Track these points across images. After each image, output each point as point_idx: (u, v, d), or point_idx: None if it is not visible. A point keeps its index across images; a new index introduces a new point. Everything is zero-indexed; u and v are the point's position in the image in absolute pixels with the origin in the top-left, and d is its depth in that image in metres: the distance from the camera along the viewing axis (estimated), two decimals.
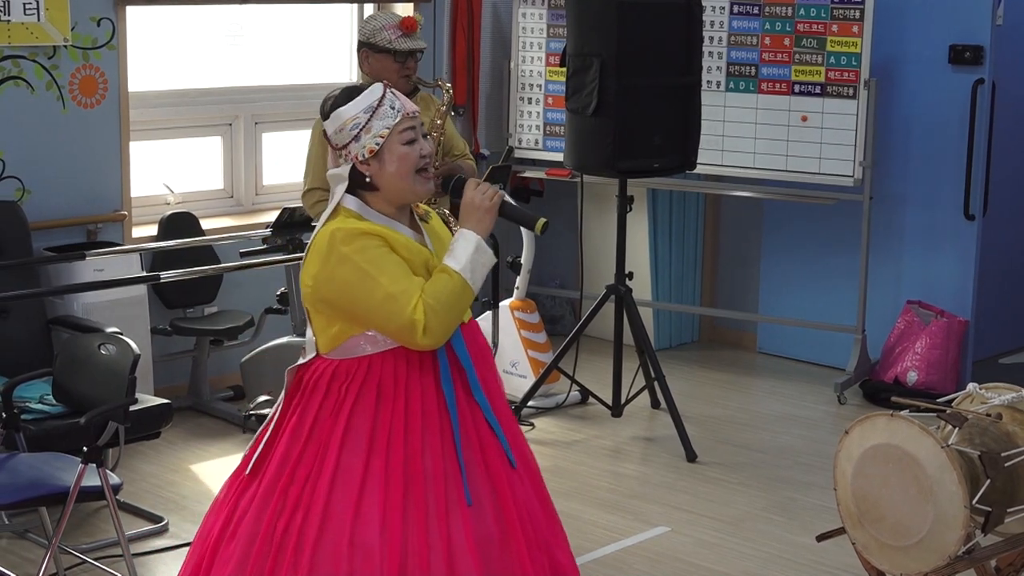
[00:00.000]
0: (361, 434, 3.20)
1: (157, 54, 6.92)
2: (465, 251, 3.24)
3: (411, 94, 5.48)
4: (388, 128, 3.25)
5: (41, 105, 6.18)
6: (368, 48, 5.46)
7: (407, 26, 5.43)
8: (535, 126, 7.83)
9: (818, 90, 7.01)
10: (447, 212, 5.21)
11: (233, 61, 7.28)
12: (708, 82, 7.13)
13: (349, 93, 3.31)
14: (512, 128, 7.86)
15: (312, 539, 3.15)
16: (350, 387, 3.24)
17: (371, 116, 3.25)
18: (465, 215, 3.31)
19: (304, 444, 3.24)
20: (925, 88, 7.15)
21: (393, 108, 3.27)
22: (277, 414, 3.36)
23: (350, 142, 3.26)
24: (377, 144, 3.24)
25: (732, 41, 7.23)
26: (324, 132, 3.33)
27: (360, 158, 3.26)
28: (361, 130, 3.25)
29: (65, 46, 6.19)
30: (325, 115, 3.32)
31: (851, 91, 6.92)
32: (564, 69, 6.50)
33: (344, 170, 3.29)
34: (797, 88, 7.07)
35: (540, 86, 7.79)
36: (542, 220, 3.38)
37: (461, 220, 3.31)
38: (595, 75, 6.20)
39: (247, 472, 3.33)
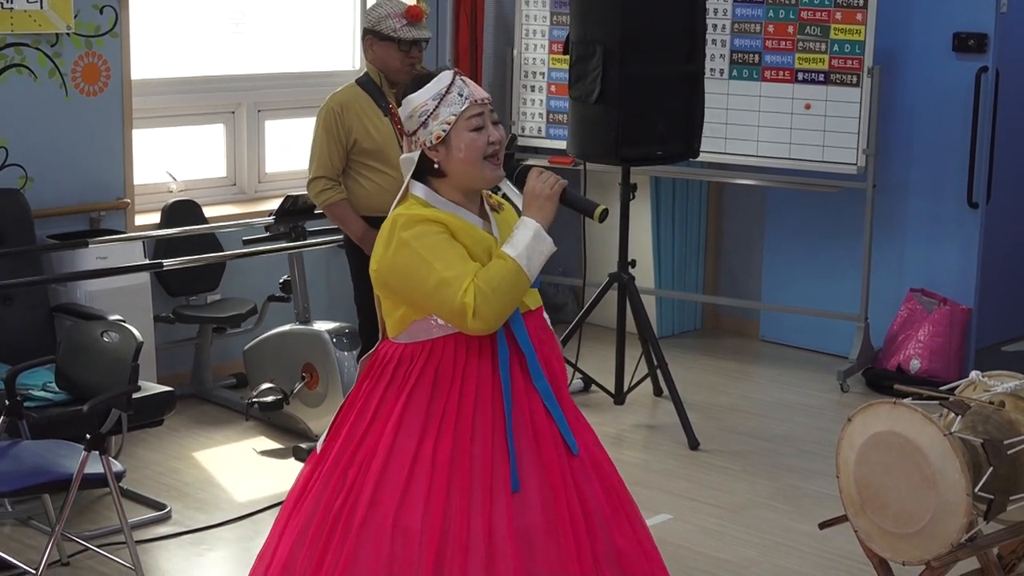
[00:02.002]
0: (416, 418, 3.26)
1: (160, 42, 6.92)
2: (523, 238, 3.28)
3: None
4: (455, 115, 3.29)
5: (44, 93, 6.18)
6: (373, 36, 5.47)
7: (413, 15, 5.43)
8: (538, 114, 7.82)
9: (821, 78, 7.00)
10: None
11: (236, 49, 7.28)
12: (711, 70, 7.12)
13: (419, 80, 3.37)
14: (515, 116, 7.85)
15: (360, 519, 3.22)
16: (412, 371, 3.29)
17: (439, 103, 3.30)
18: (527, 203, 3.35)
19: (367, 426, 3.31)
20: (929, 76, 7.14)
21: (461, 95, 3.31)
22: (349, 396, 3.43)
23: (419, 128, 3.32)
24: (444, 131, 3.29)
25: (736, 29, 7.22)
26: (397, 117, 3.39)
27: (428, 144, 3.31)
28: (429, 117, 3.30)
29: (68, 34, 6.19)
30: (398, 102, 3.38)
31: (855, 79, 6.91)
32: (567, 57, 6.49)
33: (414, 156, 3.34)
34: (800, 76, 7.06)
35: (543, 74, 7.78)
36: (602, 207, 3.40)
37: (524, 208, 3.35)
38: (598, 63, 6.19)
39: (318, 450, 3.42)
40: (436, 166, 3.32)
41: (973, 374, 4.14)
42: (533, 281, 3.31)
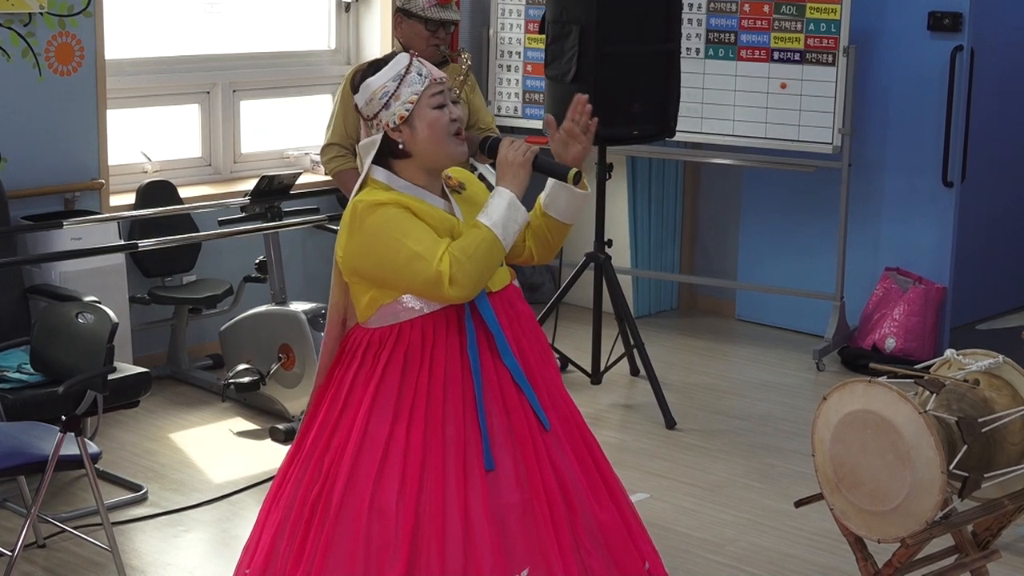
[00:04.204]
0: (388, 402, 3.27)
1: (134, 21, 6.88)
2: (499, 207, 3.29)
3: (440, 65, 5.53)
4: (417, 94, 3.31)
5: (17, 73, 6.14)
6: (402, 14, 5.55)
7: None
8: (514, 93, 7.81)
9: (797, 57, 7.00)
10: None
11: (211, 28, 7.24)
12: (687, 49, 7.12)
13: (376, 64, 3.38)
14: (491, 95, 7.84)
15: (337, 505, 3.23)
16: (381, 355, 3.31)
17: (399, 84, 3.31)
18: (501, 173, 3.37)
19: (340, 412, 3.33)
20: (904, 55, 7.15)
21: (420, 75, 3.33)
22: (321, 383, 3.45)
23: (380, 111, 3.32)
24: (407, 110, 3.30)
25: (711, 8, 7.22)
26: (355, 105, 3.38)
27: (391, 125, 3.31)
28: (390, 98, 3.31)
29: (41, 13, 6.15)
30: (355, 88, 3.38)
31: (830, 58, 6.92)
32: (543, 36, 6.48)
33: (375, 139, 3.34)
34: (776, 55, 7.07)
35: (519, 53, 7.77)
36: (574, 170, 3.43)
37: (497, 178, 3.37)
38: (574, 42, 6.18)
39: (296, 439, 3.45)
40: (400, 147, 3.32)
41: (948, 352, 4.14)
42: (508, 250, 3.31)
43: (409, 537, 3.17)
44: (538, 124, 7.01)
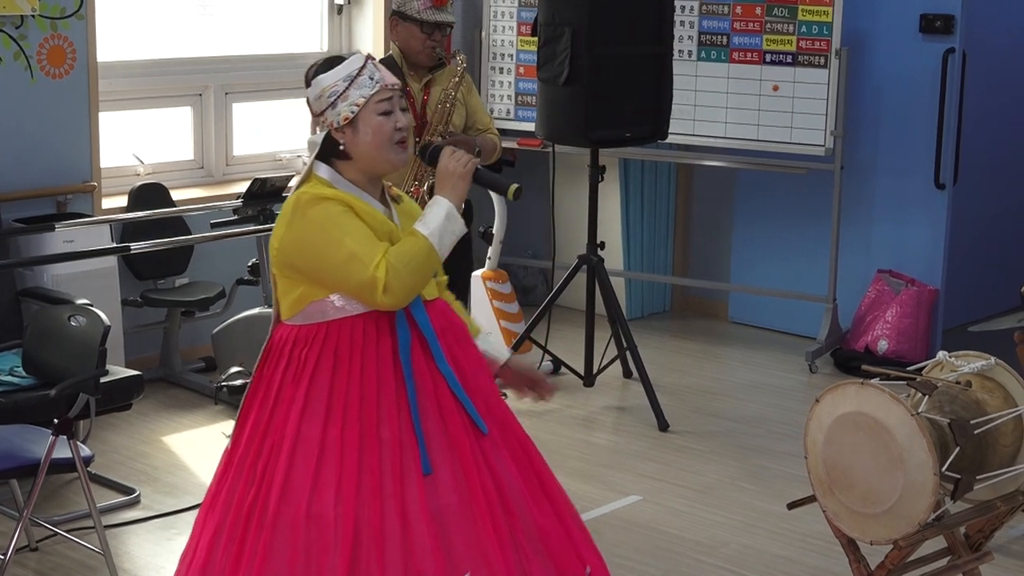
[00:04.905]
0: (319, 403, 3.22)
1: (126, 24, 6.87)
2: (436, 217, 3.26)
3: (436, 68, 5.52)
4: (365, 97, 3.28)
5: (9, 75, 6.13)
6: (398, 16, 5.54)
7: None
8: (507, 96, 7.81)
9: (789, 59, 7.01)
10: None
11: (203, 31, 7.24)
12: (679, 51, 7.12)
13: (331, 61, 3.35)
14: (484, 98, 7.84)
15: (273, 511, 3.18)
16: (309, 353, 3.26)
17: (349, 85, 3.28)
18: (440, 182, 3.34)
19: (271, 413, 3.27)
20: (896, 57, 7.16)
21: (372, 79, 3.29)
22: (251, 384, 3.39)
23: (327, 109, 3.30)
24: (352, 112, 3.27)
25: (703, 10, 7.22)
26: (307, 99, 3.36)
27: (335, 125, 3.29)
28: (338, 98, 3.28)
29: (33, 15, 6.14)
30: (307, 82, 3.36)
31: (822, 60, 6.92)
32: (535, 38, 6.48)
33: (319, 137, 3.32)
34: (768, 57, 7.07)
35: (511, 56, 7.77)
36: (515, 186, 3.41)
37: (436, 187, 3.34)
38: (567, 44, 6.18)
39: (229, 443, 3.39)
40: (341, 147, 3.30)
41: (940, 354, 4.15)
42: (443, 260, 3.29)
43: (349, 542, 3.12)
44: (530, 127, 7.01)
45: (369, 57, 3.34)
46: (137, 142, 6.97)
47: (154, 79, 6.96)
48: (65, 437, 4.45)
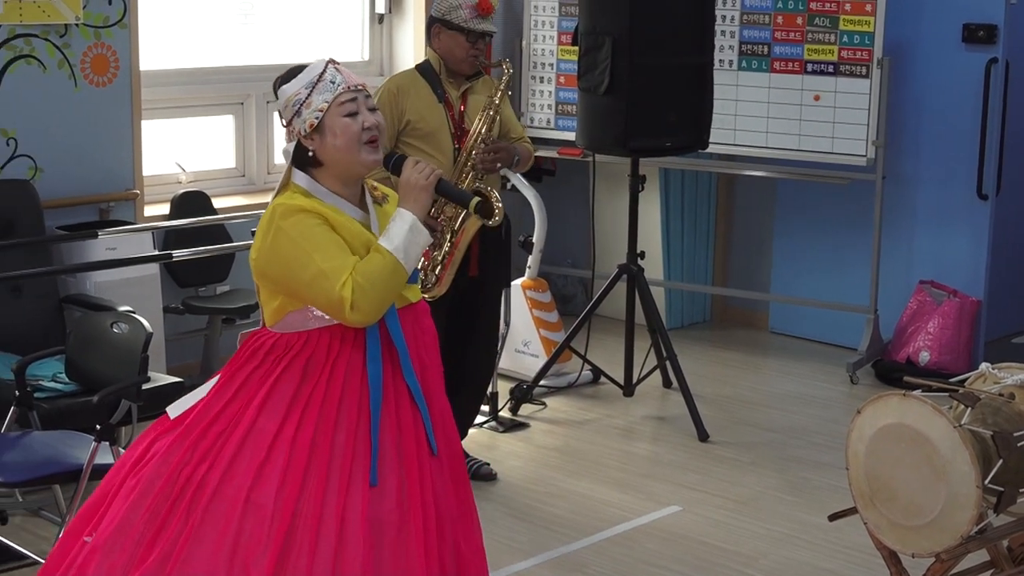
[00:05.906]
0: (281, 402, 3.23)
1: (169, 32, 6.92)
2: (400, 231, 3.25)
3: (475, 76, 5.51)
4: (327, 102, 3.29)
5: (53, 84, 6.18)
6: (441, 24, 5.47)
7: (484, 8, 5.46)
8: (547, 105, 7.82)
9: (831, 69, 6.99)
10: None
11: (245, 39, 7.27)
12: (720, 61, 7.11)
13: (293, 71, 3.37)
14: (524, 107, 7.85)
15: (210, 491, 3.17)
16: (283, 359, 3.28)
17: (311, 91, 3.30)
18: (403, 194, 3.34)
19: (226, 404, 3.28)
20: (938, 67, 7.13)
21: (333, 82, 3.31)
22: (218, 378, 3.39)
23: (293, 118, 3.32)
24: (316, 118, 3.29)
25: (745, 20, 7.21)
26: (277, 111, 3.38)
27: (303, 133, 3.30)
28: (302, 105, 3.30)
29: (77, 24, 6.19)
30: (275, 93, 3.38)
31: (864, 70, 6.90)
32: (576, 48, 6.48)
33: (290, 147, 3.34)
34: (810, 67, 7.05)
35: (552, 65, 7.78)
36: (476, 199, 3.43)
37: (400, 199, 3.34)
38: (607, 54, 6.18)
39: (171, 417, 3.37)
40: (311, 154, 3.31)
41: (983, 366, 4.13)
42: (411, 274, 3.28)
43: (282, 536, 3.12)
44: (571, 136, 7.01)
45: (330, 61, 3.36)
46: (179, 150, 7.00)
47: (196, 87, 7.00)
48: (107, 443, 4.47)
